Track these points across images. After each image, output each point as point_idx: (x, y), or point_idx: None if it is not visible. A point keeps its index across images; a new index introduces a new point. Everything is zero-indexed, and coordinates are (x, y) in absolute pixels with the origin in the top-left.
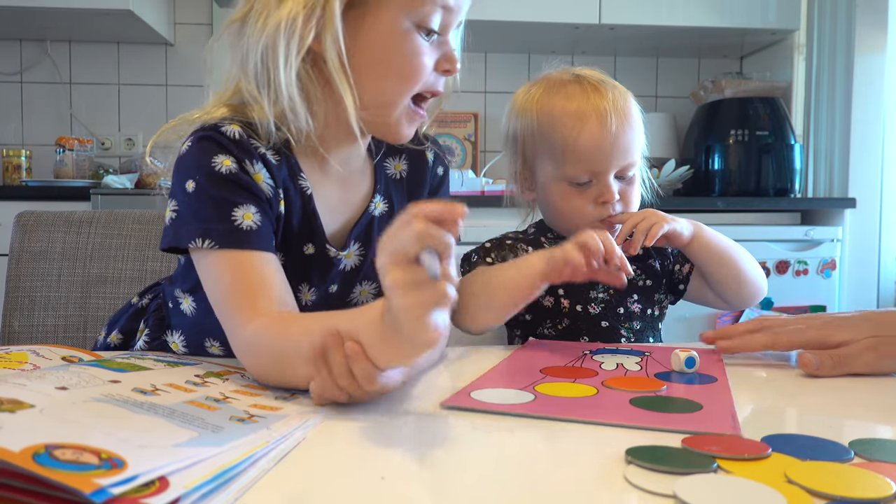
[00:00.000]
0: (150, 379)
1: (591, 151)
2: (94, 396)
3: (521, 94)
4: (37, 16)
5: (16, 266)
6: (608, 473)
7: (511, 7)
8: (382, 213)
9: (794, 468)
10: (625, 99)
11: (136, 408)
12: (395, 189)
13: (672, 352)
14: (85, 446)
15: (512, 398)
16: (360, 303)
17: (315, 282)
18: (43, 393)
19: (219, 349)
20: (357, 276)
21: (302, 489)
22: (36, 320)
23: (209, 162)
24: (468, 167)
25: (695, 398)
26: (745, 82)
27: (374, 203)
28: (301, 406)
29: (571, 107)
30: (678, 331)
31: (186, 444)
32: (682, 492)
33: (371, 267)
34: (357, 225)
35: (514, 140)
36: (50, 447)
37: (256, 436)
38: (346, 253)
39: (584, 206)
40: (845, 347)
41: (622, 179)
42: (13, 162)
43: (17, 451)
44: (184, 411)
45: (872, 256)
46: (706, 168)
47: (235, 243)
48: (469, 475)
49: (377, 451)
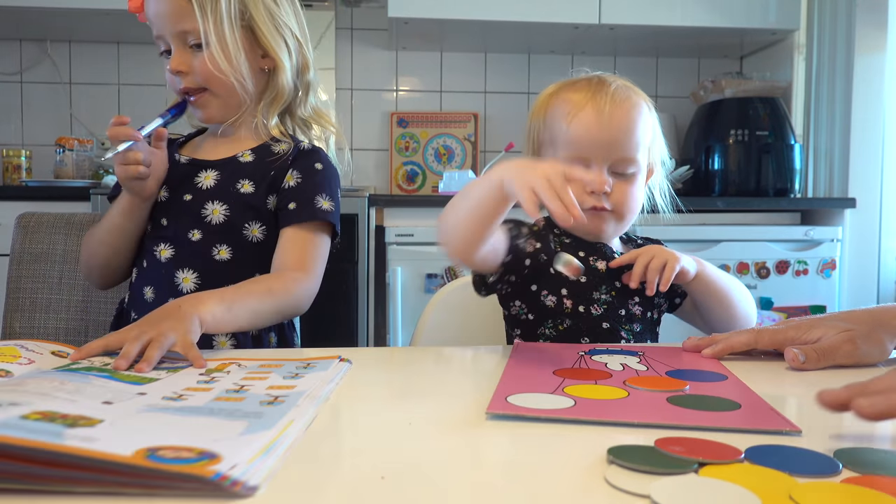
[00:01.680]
0: (168, 387)
1: (581, 138)
2: (138, 408)
3: (541, 93)
4: (37, 16)
5: (17, 267)
6: (590, 473)
7: (511, 7)
8: (247, 162)
9: (798, 490)
10: (629, 98)
11: (181, 413)
12: (266, 153)
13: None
14: (177, 446)
15: (551, 403)
16: (211, 220)
17: (167, 182)
18: (98, 409)
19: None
20: (210, 195)
21: (302, 489)
22: (37, 322)
23: None
24: (468, 167)
25: (725, 396)
26: (745, 82)
27: (242, 154)
28: (310, 383)
29: (575, 97)
30: (679, 331)
31: (247, 433)
32: (657, 494)
33: (224, 192)
34: (219, 160)
35: (528, 130)
36: (152, 449)
37: (290, 414)
38: (206, 175)
39: (574, 194)
40: (825, 340)
41: (619, 176)
42: (13, 162)
43: (130, 455)
44: (220, 408)
45: (872, 256)
46: (706, 168)
47: (118, 191)
48: (470, 476)
49: (377, 451)
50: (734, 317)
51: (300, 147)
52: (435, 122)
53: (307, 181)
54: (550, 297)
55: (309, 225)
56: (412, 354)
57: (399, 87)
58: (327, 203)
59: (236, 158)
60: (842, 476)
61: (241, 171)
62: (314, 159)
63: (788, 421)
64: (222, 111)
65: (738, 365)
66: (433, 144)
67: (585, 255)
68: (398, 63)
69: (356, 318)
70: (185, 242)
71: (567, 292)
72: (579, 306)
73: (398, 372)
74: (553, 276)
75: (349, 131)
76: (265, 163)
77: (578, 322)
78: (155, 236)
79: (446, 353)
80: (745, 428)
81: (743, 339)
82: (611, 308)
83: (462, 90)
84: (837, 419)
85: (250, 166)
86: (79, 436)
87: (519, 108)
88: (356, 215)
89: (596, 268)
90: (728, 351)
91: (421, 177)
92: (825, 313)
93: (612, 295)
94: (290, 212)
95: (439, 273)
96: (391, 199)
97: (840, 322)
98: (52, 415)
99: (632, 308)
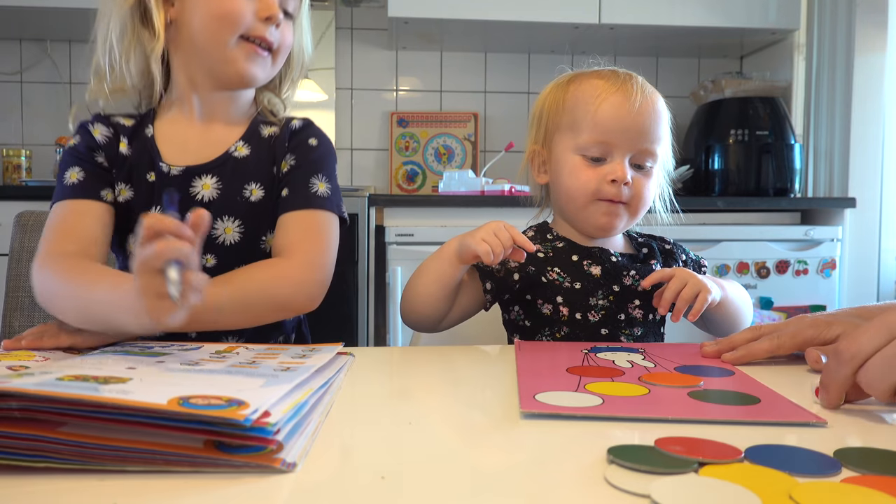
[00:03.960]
0: (183, 357)
1: (609, 121)
2: (161, 369)
3: (550, 84)
4: (37, 16)
5: (16, 266)
6: (590, 473)
7: (511, 7)
8: (244, 157)
9: (798, 490)
10: (655, 92)
11: (203, 372)
12: (261, 143)
13: None
14: (206, 395)
15: (580, 401)
16: (224, 240)
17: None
18: (124, 372)
19: None
20: (215, 208)
21: (302, 489)
22: (36, 321)
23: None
24: (468, 167)
25: (739, 390)
26: (745, 82)
27: (235, 146)
28: (321, 358)
29: (601, 82)
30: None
31: (267, 385)
32: (657, 494)
33: (232, 204)
34: (213, 161)
35: (539, 117)
36: (183, 398)
37: (308, 376)
38: (204, 184)
39: (591, 180)
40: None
41: (638, 168)
42: (13, 162)
43: (164, 403)
44: (238, 370)
45: (872, 256)
46: (706, 168)
47: (62, 195)
48: (469, 476)
49: (377, 451)
50: (739, 328)
51: (292, 127)
52: (435, 121)
53: (301, 161)
54: (547, 306)
55: (306, 212)
56: (412, 354)
57: (399, 86)
58: (323, 185)
59: (231, 155)
60: (842, 476)
61: (241, 171)
62: (307, 134)
63: (813, 413)
64: (264, 81)
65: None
66: (433, 144)
67: (579, 259)
68: (398, 63)
69: (356, 318)
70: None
71: (562, 300)
72: (576, 314)
73: (398, 372)
74: (546, 284)
75: (349, 131)
76: (264, 154)
77: (576, 329)
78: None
79: (446, 352)
80: (776, 421)
81: (765, 346)
82: (609, 313)
83: (462, 90)
84: (839, 418)
85: (250, 163)
86: (115, 389)
87: (519, 108)
88: (356, 215)
89: (590, 273)
90: (749, 359)
91: (421, 176)
92: (837, 309)
93: (609, 300)
94: (283, 199)
95: None
96: (391, 198)
97: (855, 318)
98: (85, 376)
99: (632, 312)
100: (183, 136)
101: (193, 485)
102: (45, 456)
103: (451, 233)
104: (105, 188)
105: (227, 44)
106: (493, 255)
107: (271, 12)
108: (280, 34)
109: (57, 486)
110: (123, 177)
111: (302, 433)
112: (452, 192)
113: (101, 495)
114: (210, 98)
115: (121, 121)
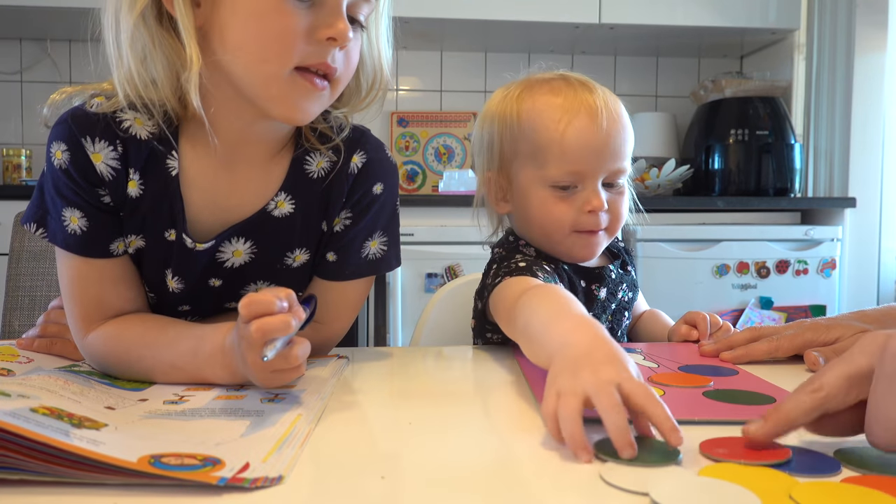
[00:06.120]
0: (168, 389)
1: (578, 149)
2: (141, 415)
3: (498, 95)
4: (37, 16)
5: (16, 266)
6: (587, 472)
7: (511, 7)
8: (286, 215)
9: (798, 490)
10: (615, 100)
11: (184, 416)
12: (308, 191)
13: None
14: (180, 453)
15: None
16: (233, 263)
17: (179, 270)
18: (101, 413)
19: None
20: (248, 274)
21: (302, 489)
22: (35, 320)
23: (49, 151)
24: (468, 167)
25: (749, 389)
26: (745, 82)
27: (275, 202)
28: (310, 385)
29: (557, 100)
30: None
31: (248, 433)
32: (657, 494)
33: (268, 270)
34: (246, 221)
35: (490, 145)
36: (156, 456)
37: (292, 411)
38: (235, 250)
39: (566, 215)
40: (843, 342)
41: (611, 188)
42: (13, 162)
43: (135, 461)
44: (222, 407)
45: (872, 256)
46: (706, 168)
47: (64, 245)
48: (469, 476)
49: (377, 451)
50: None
51: (353, 169)
52: (435, 121)
53: (358, 218)
54: None
55: (352, 281)
56: (412, 354)
57: (399, 86)
58: (377, 244)
59: (269, 214)
60: (842, 476)
61: (283, 234)
62: (371, 179)
63: None
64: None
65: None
66: (433, 144)
67: (587, 284)
68: (398, 63)
69: (356, 317)
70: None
71: None
72: None
73: (398, 372)
74: None
75: None
76: (313, 209)
77: None
78: (172, 313)
79: (446, 352)
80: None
81: (763, 347)
82: (611, 334)
83: (462, 90)
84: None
85: (296, 224)
86: (85, 437)
87: None
88: None
89: (599, 297)
90: (747, 359)
91: (421, 176)
92: (837, 314)
93: (609, 319)
94: (327, 264)
95: (439, 273)
96: None
97: (855, 322)
98: (60, 412)
99: (626, 322)
100: (212, 179)
101: (188, 498)
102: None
103: (451, 233)
104: (115, 238)
105: (277, 77)
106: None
107: (337, 32)
108: (344, 58)
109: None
110: (134, 228)
111: (289, 445)
112: (452, 191)
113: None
114: (243, 130)
115: (131, 126)
